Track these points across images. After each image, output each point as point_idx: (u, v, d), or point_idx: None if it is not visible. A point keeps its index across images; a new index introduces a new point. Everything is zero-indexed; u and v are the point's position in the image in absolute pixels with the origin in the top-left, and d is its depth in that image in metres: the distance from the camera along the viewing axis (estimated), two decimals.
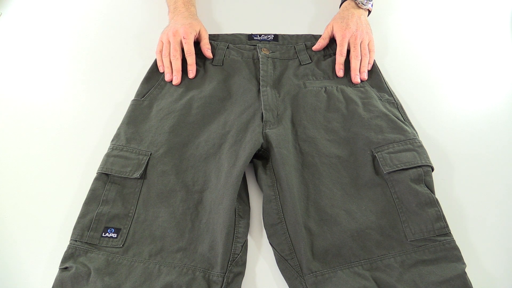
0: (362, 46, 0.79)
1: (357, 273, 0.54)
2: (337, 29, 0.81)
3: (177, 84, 0.76)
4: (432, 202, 0.57)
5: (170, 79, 0.77)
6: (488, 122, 0.76)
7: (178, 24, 0.80)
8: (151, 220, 0.59)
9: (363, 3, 0.83)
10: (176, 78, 0.76)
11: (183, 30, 0.78)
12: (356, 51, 0.77)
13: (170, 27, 0.81)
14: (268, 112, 0.69)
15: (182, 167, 0.65)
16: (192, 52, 0.78)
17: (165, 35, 0.80)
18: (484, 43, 0.90)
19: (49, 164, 0.70)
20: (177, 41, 0.78)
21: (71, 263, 0.54)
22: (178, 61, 0.77)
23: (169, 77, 0.77)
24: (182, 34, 0.78)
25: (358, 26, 0.80)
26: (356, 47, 0.78)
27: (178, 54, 0.78)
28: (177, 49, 0.78)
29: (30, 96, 0.81)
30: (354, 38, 0.79)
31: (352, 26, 0.80)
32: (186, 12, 0.84)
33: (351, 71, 0.76)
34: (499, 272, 0.58)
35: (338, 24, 0.81)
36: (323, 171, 0.64)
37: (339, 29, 0.80)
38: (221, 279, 0.54)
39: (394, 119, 0.68)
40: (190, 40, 0.78)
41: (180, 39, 0.78)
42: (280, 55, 0.80)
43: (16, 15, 0.98)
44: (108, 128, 0.72)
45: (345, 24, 0.80)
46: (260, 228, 0.63)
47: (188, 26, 0.79)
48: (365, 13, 0.85)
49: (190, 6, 0.86)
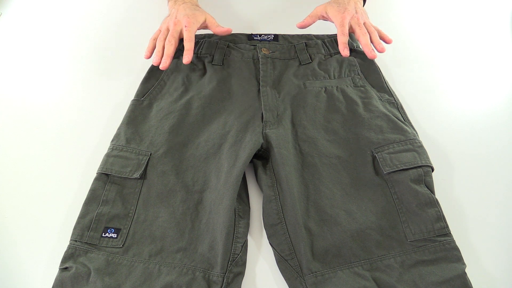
0: (367, 25, 0.75)
1: (357, 273, 0.54)
2: (334, 13, 0.76)
3: (164, 68, 0.71)
4: (432, 203, 0.57)
5: (158, 63, 0.72)
6: (488, 122, 0.76)
7: (180, 15, 0.76)
8: (151, 220, 0.59)
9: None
10: (165, 62, 0.71)
11: (185, 20, 0.74)
12: (362, 29, 0.74)
13: (171, 16, 0.77)
14: (268, 112, 0.69)
15: (182, 167, 0.65)
16: (192, 39, 0.73)
17: (165, 24, 0.77)
18: (484, 43, 0.90)
19: (49, 164, 0.70)
20: (177, 29, 0.74)
21: (71, 263, 0.54)
22: (172, 47, 0.73)
23: (157, 60, 0.72)
24: (184, 23, 0.74)
25: (357, 10, 0.77)
26: (361, 26, 0.74)
27: (174, 41, 0.73)
28: (174, 36, 0.74)
29: (30, 96, 0.81)
30: (356, 19, 0.75)
31: (351, 9, 0.76)
32: (188, 2, 0.80)
33: (364, 47, 0.72)
34: (499, 272, 0.58)
35: (335, 8, 0.77)
36: (323, 171, 0.64)
37: (337, 13, 0.76)
38: (221, 279, 0.54)
39: (394, 119, 0.67)
40: (192, 29, 0.74)
41: (181, 28, 0.75)
42: (280, 55, 0.80)
43: (16, 15, 0.98)
44: (108, 128, 0.72)
45: (343, 8, 0.77)
46: (260, 228, 0.63)
47: (191, 17, 0.75)
48: (361, 0, 0.81)
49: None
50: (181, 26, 0.75)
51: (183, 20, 0.75)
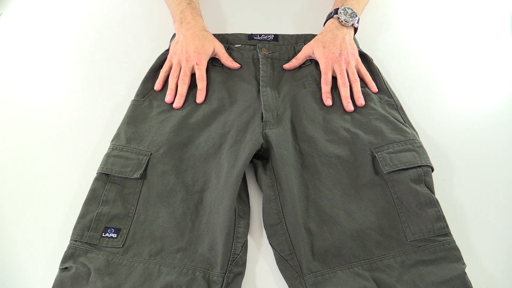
0: (350, 71, 0.74)
1: (357, 273, 0.54)
2: (319, 55, 0.75)
3: (178, 108, 0.72)
4: (432, 202, 0.57)
5: (171, 101, 0.73)
6: (488, 122, 0.76)
7: (190, 47, 0.75)
8: (151, 220, 0.59)
9: (346, 21, 0.77)
10: (179, 102, 0.72)
11: (196, 58, 0.75)
12: (343, 78, 0.72)
13: (182, 47, 0.76)
14: (268, 112, 0.69)
15: (182, 167, 0.65)
16: (204, 77, 0.74)
17: (176, 57, 0.76)
18: (484, 43, 0.90)
19: (49, 164, 0.70)
20: (189, 66, 0.75)
21: (71, 263, 0.54)
22: (185, 86, 0.74)
23: (170, 99, 0.73)
24: (195, 60, 0.75)
25: (342, 50, 0.74)
26: (343, 74, 0.73)
27: (188, 80, 0.74)
28: (187, 75, 0.74)
29: (30, 96, 0.81)
30: (338, 65, 0.73)
31: (335, 51, 0.74)
32: (195, 25, 0.79)
33: (342, 100, 0.71)
34: (499, 272, 0.58)
35: (320, 50, 0.75)
36: (322, 171, 0.64)
37: (321, 56, 0.75)
38: (221, 279, 0.54)
39: (394, 121, 0.68)
40: (203, 66, 0.75)
41: (193, 65, 0.75)
42: (280, 55, 0.80)
43: (16, 15, 0.98)
44: (108, 128, 0.72)
45: (327, 50, 0.74)
46: (260, 228, 0.63)
47: (201, 51, 0.75)
48: (350, 31, 0.78)
49: (198, 17, 0.81)
50: (192, 62, 0.75)
51: (194, 57, 0.75)
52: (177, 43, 0.78)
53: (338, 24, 0.78)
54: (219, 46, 0.78)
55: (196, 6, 0.84)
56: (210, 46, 0.77)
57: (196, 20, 0.80)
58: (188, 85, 0.75)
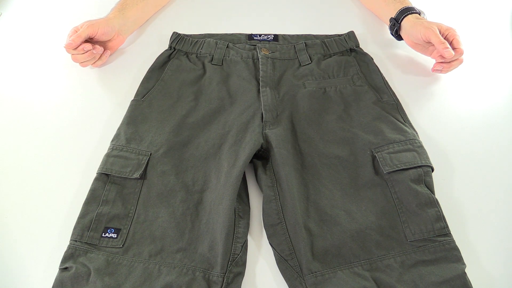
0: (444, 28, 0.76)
1: (357, 274, 0.54)
2: (424, 32, 0.75)
3: (66, 44, 0.76)
4: (432, 203, 0.57)
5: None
6: (488, 122, 0.76)
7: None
8: (151, 221, 0.59)
9: (423, 13, 0.81)
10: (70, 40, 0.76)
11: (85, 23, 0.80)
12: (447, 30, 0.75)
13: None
14: (268, 112, 0.69)
15: (182, 167, 0.65)
16: (74, 34, 0.78)
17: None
18: (484, 43, 0.90)
19: (49, 164, 0.70)
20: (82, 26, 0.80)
21: (71, 263, 0.54)
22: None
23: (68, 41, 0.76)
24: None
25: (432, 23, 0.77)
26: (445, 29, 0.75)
27: (73, 33, 0.78)
28: (78, 30, 0.79)
29: (30, 96, 0.81)
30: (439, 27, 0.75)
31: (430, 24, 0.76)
32: (109, 15, 0.85)
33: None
34: (499, 272, 0.58)
35: (423, 30, 0.75)
36: (322, 171, 0.64)
37: (425, 31, 0.75)
38: (221, 279, 0.54)
39: (394, 121, 0.68)
40: (83, 28, 0.78)
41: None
42: (280, 55, 0.80)
43: (16, 15, 0.98)
44: (108, 128, 0.72)
45: (426, 23, 0.76)
46: (260, 228, 0.63)
47: (91, 22, 0.80)
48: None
49: (117, 11, 0.86)
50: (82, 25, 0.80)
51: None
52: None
53: (417, 15, 0.80)
54: (103, 29, 0.80)
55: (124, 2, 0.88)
56: (100, 22, 0.80)
57: (113, 13, 0.85)
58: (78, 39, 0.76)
